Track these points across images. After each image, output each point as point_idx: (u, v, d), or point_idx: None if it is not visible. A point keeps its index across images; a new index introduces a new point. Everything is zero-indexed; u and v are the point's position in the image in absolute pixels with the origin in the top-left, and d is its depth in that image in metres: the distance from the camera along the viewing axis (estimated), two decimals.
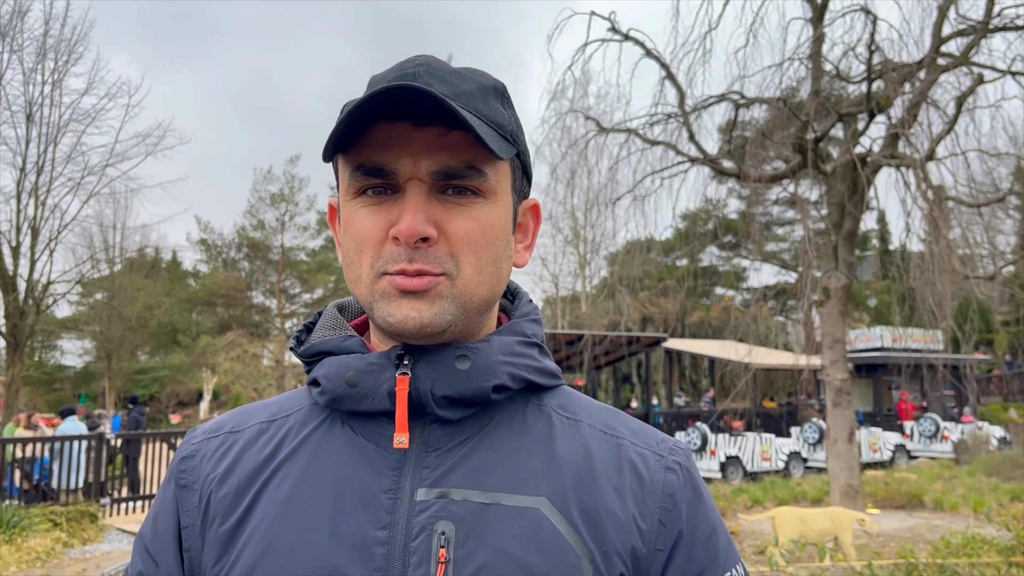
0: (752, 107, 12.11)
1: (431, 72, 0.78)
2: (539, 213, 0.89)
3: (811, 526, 8.06)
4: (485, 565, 0.73)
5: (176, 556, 0.83)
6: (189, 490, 0.84)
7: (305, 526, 0.76)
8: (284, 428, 0.85)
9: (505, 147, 0.78)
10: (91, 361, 39.47)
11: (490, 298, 0.81)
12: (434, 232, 0.76)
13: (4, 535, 9.69)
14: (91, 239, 29.18)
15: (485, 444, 0.79)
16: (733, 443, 16.70)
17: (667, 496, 0.81)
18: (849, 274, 11.21)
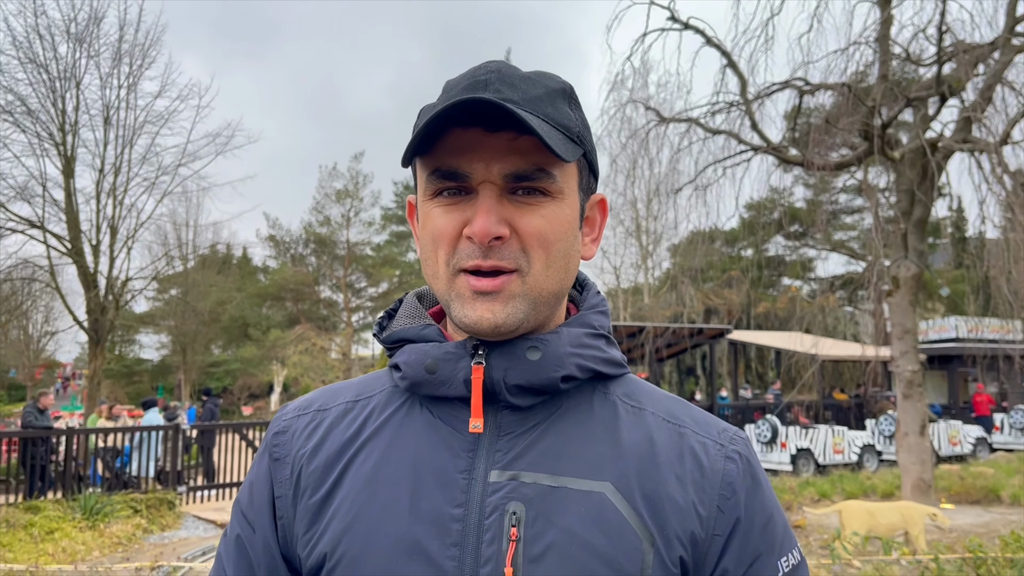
0: (817, 94, 11.87)
1: (502, 79, 0.82)
2: (606, 207, 0.93)
3: (880, 520, 7.90)
4: (553, 544, 0.77)
5: (271, 523, 0.90)
6: (282, 463, 0.90)
7: (387, 501, 0.82)
8: (368, 408, 0.91)
9: (571, 149, 0.82)
10: (167, 355, 40.88)
11: (559, 291, 0.85)
12: (506, 231, 0.80)
13: (87, 521, 10.17)
14: (165, 237, 30.21)
15: (554, 430, 0.84)
16: (804, 435, 16.37)
17: (726, 484, 0.84)
18: (920, 263, 10.92)
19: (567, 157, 0.79)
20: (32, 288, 26.70)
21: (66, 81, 19.16)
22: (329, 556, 0.82)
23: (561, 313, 0.91)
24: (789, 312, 28.87)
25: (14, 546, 9.07)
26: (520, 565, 0.77)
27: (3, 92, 18.48)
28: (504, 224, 0.81)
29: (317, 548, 0.83)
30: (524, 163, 0.81)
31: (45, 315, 36.37)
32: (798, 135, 12.62)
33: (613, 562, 0.77)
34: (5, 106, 18.46)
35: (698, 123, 12.31)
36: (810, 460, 16.18)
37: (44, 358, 40.82)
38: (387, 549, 0.79)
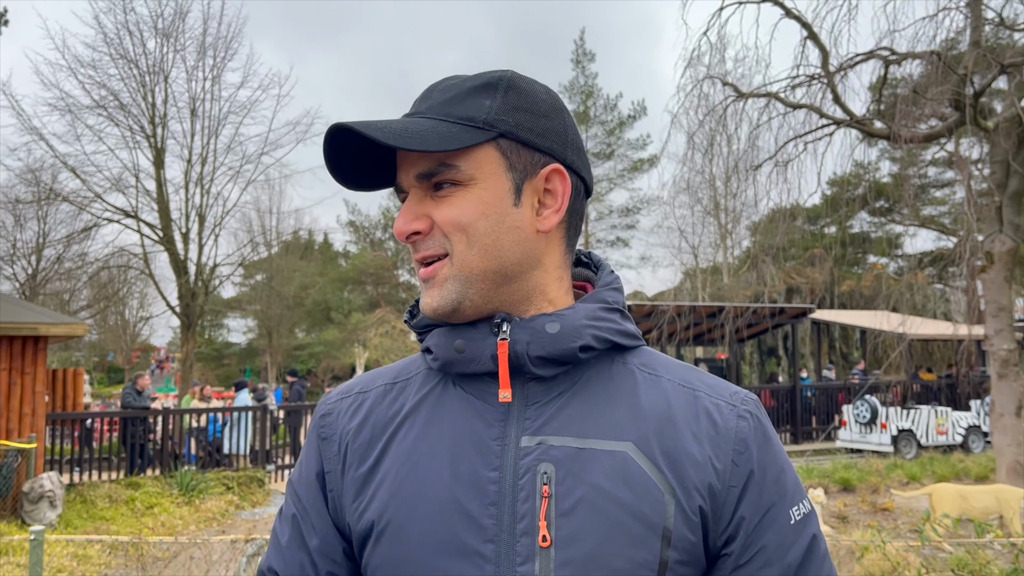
0: (904, 63, 11.42)
1: (423, 96, 0.96)
2: (564, 176, 0.95)
3: (973, 504, 7.66)
4: (582, 499, 0.85)
5: (320, 495, 0.98)
6: (329, 441, 1.00)
7: (429, 468, 0.90)
8: (406, 389, 0.99)
9: (465, 136, 0.90)
10: (253, 338, 42.26)
11: (498, 268, 0.92)
12: (421, 225, 0.92)
13: (184, 497, 10.67)
14: (250, 224, 31.15)
15: (577, 398, 0.91)
16: (906, 416, 15.93)
17: (739, 440, 0.91)
18: (1016, 237, 10.44)
19: (431, 148, 0.87)
20: (128, 275, 28.01)
21: (155, 75, 19.92)
22: (377, 522, 0.90)
23: (553, 291, 0.97)
24: (875, 290, 27.96)
25: (117, 520, 9.60)
26: (553, 519, 0.85)
27: (97, 88, 19.35)
28: (421, 219, 0.92)
29: (366, 515, 0.92)
30: (427, 163, 0.91)
31: (140, 301, 38.03)
32: (883, 107, 12.19)
33: (639, 513, 0.85)
34: (99, 101, 19.33)
35: (777, 97, 12.01)
36: (912, 441, 15.74)
37: (140, 342, 42.75)
38: (431, 511, 0.87)
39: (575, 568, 0.83)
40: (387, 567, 0.89)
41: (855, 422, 16.34)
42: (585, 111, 39.66)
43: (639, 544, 0.84)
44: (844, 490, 11.19)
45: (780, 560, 0.89)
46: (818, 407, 18.82)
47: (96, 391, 37.16)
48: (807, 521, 0.92)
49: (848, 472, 11.71)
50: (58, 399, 11.08)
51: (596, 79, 39.88)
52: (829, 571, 0.93)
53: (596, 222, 41.64)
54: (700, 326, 17.80)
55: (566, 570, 0.83)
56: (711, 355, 26.95)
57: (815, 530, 0.93)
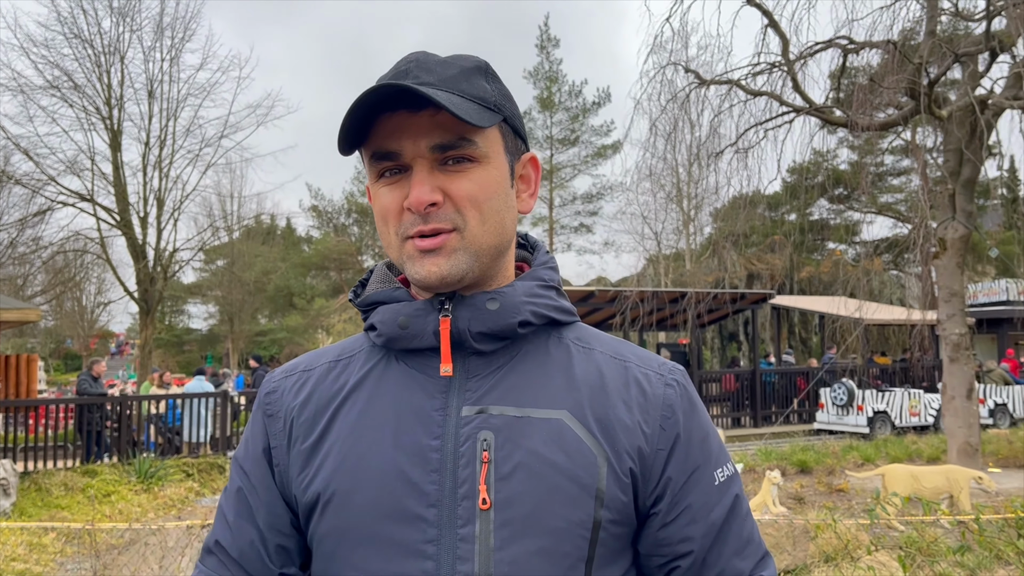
0: (862, 52, 11.56)
1: (420, 66, 0.94)
2: (537, 164, 1.04)
3: (924, 484, 7.86)
4: (520, 463, 0.90)
5: (267, 470, 1.02)
6: (275, 418, 1.03)
7: (373, 440, 0.93)
8: (350, 366, 1.02)
9: (487, 116, 0.92)
10: (215, 324, 41.73)
11: (498, 244, 0.97)
12: (439, 197, 0.92)
13: (142, 484, 10.54)
14: (210, 208, 30.67)
15: (516, 370, 0.96)
16: (881, 398, 16.46)
17: (667, 406, 0.97)
18: (968, 224, 10.68)
19: (481, 123, 0.89)
20: (84, 260, 27.46)
21: (110, 55, 19.49)
22: (323, 493, 0.94)
23: (509, 269, 1.02)
24: (833, 276, 28.45)
25: (72, 508, 9.45)
26: (492, 483, 0.89)
27: (50, 68, 18.87)
28: (437, 191, 0.92)
29: (312, 487, 0.95)
30: (447, 135, 0.91)
31: (98, 286, 37.37)
32: (842, 96, 12.35)
33: (573, 476, 0.90)
34: (53, 81, 18.86)
35: (739, 85, 12.10)
36: (887, 422, 16.26)
37: (98, 328, 42.00)
38: (375, 480, 0.91)
39: (514, 528, 0.88)
40: (333, 535, 0.93)
41: (832, 404, 16.82)
42: (549, 97, 39.63)
43: (574, 505, 0.89)
44: (801, 472, 11.40)
45: (704, 518, 0.95)
46: (778, 391, 19.14)
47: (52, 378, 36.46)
48: (730, 482, 0.98)
49: (805, 454, 11.93)
50: (11, 386, 10.85)
51: (561, 65, 39.90)
52: (751, 530, 0.98)
53: (560, 208, 41.71)
54: (663, 311, 17.93)
55: (505, 530, 0.88)
56: (673, 340, 27.22)
57: (738, 491, 0.99)
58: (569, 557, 0.88)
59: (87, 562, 6.00)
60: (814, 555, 6.29)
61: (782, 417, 18.69)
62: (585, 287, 19.30)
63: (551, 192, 41.15)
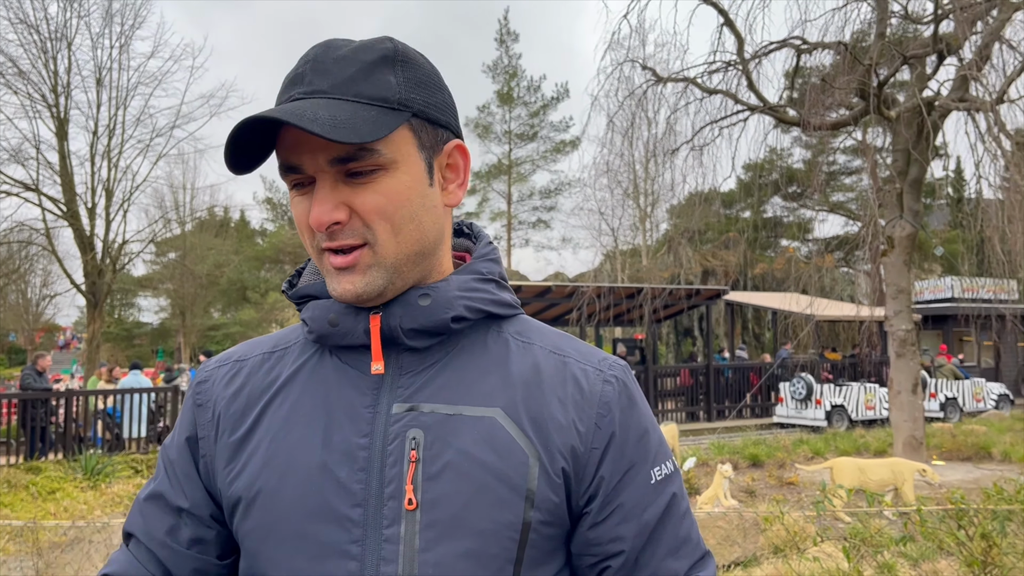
0: (815, 53, 11.76)
1: (316, 68, 0.88)
2: (465, 151, 0.97)
3: (870, 476, 8.03)
4: (449, 463, 0.87)
5: (191, 460, 1.00)
6: (204, 408, 1.01)
7: (302, 436, 0.91)
8: (284, 359, 1.00)
9: (387, 121, 0.86)
10: (167, 318, 41.00)
11: (420, 250, 0.92)
12: (342, 215, 0.87)
13: (89, 481, 10.30)
14: (162, 200, 30.15)
15: (451, 366, 0.93)
16: (839, 393, 16.88)
17: (603, 404, 0.94)
18: (915, 222, 10.93)
19: (374, 136, 0.83)
20: (29, 251, 26.72)
21: (57, 42, 18.95)
22: (249, 489, 0.92)
23: (445, 264, 0.98)
24: (786, 273, 28.91)
25: (16, 505, 9.20)
26: (420, 483, 0.87)
27: None
28: (341, 208, 0.87)
29: (237, 482, 0.93)
30: (344, 148, 0.86)
31: (43, 279, 36.38)
32: (796, 95, 12.54)
33: (503, 475, 0.87)
34: None
35: (695, 83, 12.23)
36: (844, 416, 16.66)
37: (44, 322, 40.92)
38: (302, 478, 0.89)
39: (440, 530, 0.85)
40: (258, 532, 0.91)
41: (791, 398, 17.21)
42: (509, 91, 39.62)
43: (503, 506, 0.87)
44: (753, 465, 11.57)
45: (637, 517, 0.92)
46: (732, 385, 19.43)
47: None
48: (668, 481, 0.96)
49: (757, 448, 12.11)
50: None
51: (520, 60, 39.91)
52: (688, 530, 0.95)
53: (518, 203, 41.75)
54: (619, 307, 18.08)
55: (431, 532, 0.85)
56: (629, 335, 27.44)
57: (675, 490, 0.96)
58: (497, 559, 0.86)
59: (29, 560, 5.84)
60: (763, 547, 6.39)
61: (735, 411, 18.98)
62: (542, 282, 19.35)
63: (509, 187, 41.18)
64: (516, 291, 17.59)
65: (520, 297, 17.79)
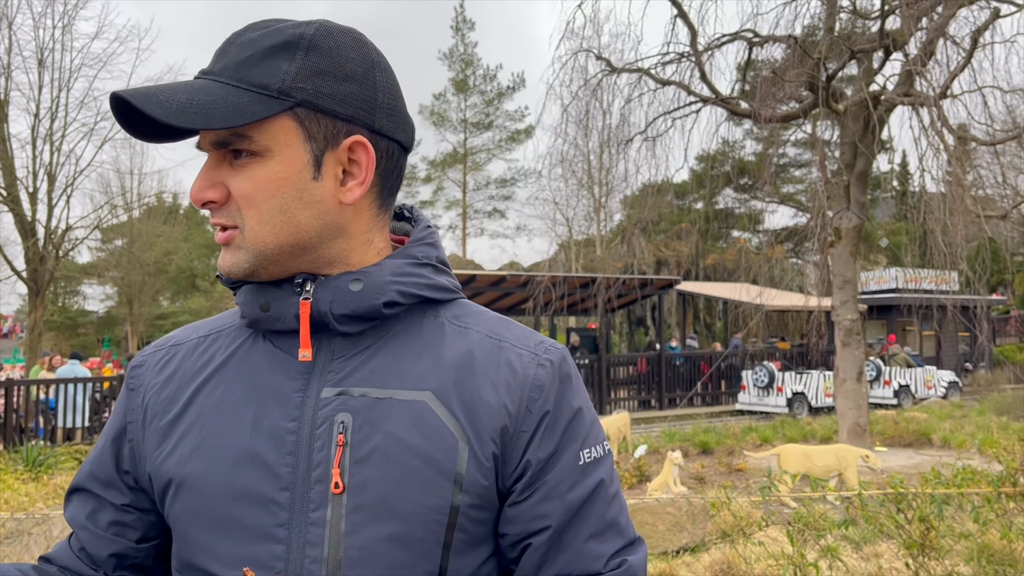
0: (767, 46, 11.94)
1: (222, 49, 0.90)
2: (367, 148, 0.92)
3: (816, 462, 8.21)
4: (377, 447, 0.87)
5: (116, 444, 1.01)
6: (136, 392, 1.01)
7: (232, 422, 0.91)
8: (218, 342, 1.00)
9: (253, 110, 0.85)
10: (113, 306, 40.07)
11: (293, 243, 0.90)
12: (215, 195, 0.89)
13: (30, 473, 10.04)
14: (108, 185, 29.30)
15: (383, 351, 0.93)
16: (799, 380, 17.30)
17: (536, 387, 0.93)
18: (861, 214, 11.17)
19: (216, 125, 0.84)
20: None
21: None
22: (178, 474, 0.92)
23: (364, 248, 0.95)
24: (737, 264, 29.35)
25: None
26: (347, 467, 0.86)
27: None
28: (217, 188, 0.89)
29: (166, 467, 0.93)
30: (219, 132, 0.87)
31: None
32: (748, 88, 12.70)
33: (431, 459, 0.87)
34: None
35: (648, 73, 12.31)
36: (804, 403, 17.08)
37: None
38: (230, 462, 0.89)
39: (366, 513, 0.85)
40: (186, 516, 0.91)
41: (754, 386, 17.58)
42: (464, 80, 39.45)
43: (430, 489, 0.87)
44: (703, 453, 11.74)
45: (561, 496, 0.91)
46: (683, 374, 19.69)
47: None
48: (597, 464, 0.94)
49: (707, 436, 12.29)
50: None
51: (476, 48, 39.73)
52: (616, 514, 0.94)
53: (474, 192, 41.68)
54: (573, 296, 18.17)
55: (358, 515, 0.85)
56: (583, 324, 27.62)
57: (604, 475, 0.95)
58: (423, 542, 0.86)
59: None
60: (712, 532, 6.50)
61: (686, 399, 19.24)
62: (497, 271, 19.35)
63: (464, 176, 41.06)
64: (471, 280, 17.58)
65: (475, 286, 17.79)
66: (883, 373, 18.32)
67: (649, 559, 5.97)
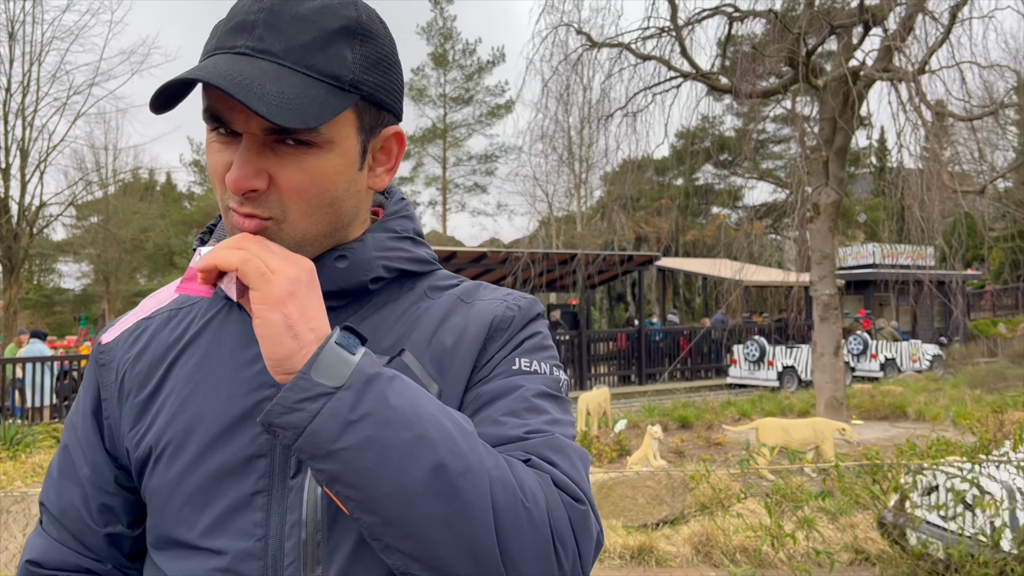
0: (747, 21, 11.91)
1: (270, 20, 0.81)
2: (402, 139, 0.95)
3: (793, 435, 8.32)
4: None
5: (94, 424, 0.98)
6: (108, 368, 0.99)
7: (208, 393, 0.90)
8: (190, 315, 0.98)
9: (335, 104, 0.81)
10: (89, 284, 39.64)
11: (330, 232, 0.89)
12: (261, 184, 0.82)
13: (8, 451, 9.97)
14: (82, 160, 28.87)
15: (364, 321, 0.93)
16: (790, 354, 17.59)
17: (503, 319, 0.94)
18: (839, 190, 11.22)
19: (319, 122, 0.79)
20: None
21: None
22: (156, 447, 0.91)
23: (361, 226, 0.95)
24: (716, 239, 29.47)
25: None
26: None
27: None
28: (262, 176, 0.82)
29: (144, 441, 0.92)
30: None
31: None
32: (728, 63, 12.67)
33: None
34: None
35: (629, 48, 12.25)
36: (794, 377, 17.39)
37: None
38: (208, 432, 0.88)
39: None
40: (164, 490, 0.90)
41: (745, 360, 17.82)
42: (443, 54, 39.11)
43: None
44: (682, 427, 11.86)
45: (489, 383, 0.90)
46: (663, 350, 19.83)
47: None
48: (535, 374, 0.91)
49: (686, 410, 12.41)
50: None
51: (455, 22, 39.37)
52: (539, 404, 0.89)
53: (454, 167, 41.47)
54: (553, 273, 18.18)
55: None
56: (564, 301, 27.67)
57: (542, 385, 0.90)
58: None
59: None
60: (691, 505, 6.58)
61: (665, 374, 19.39)
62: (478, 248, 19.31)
63: (444, 151, 40.83)
64: (451, 257, 17.54)
65: (455, 263, 17.75)
66: (870, 347, 18.62)
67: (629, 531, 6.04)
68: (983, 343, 21.87)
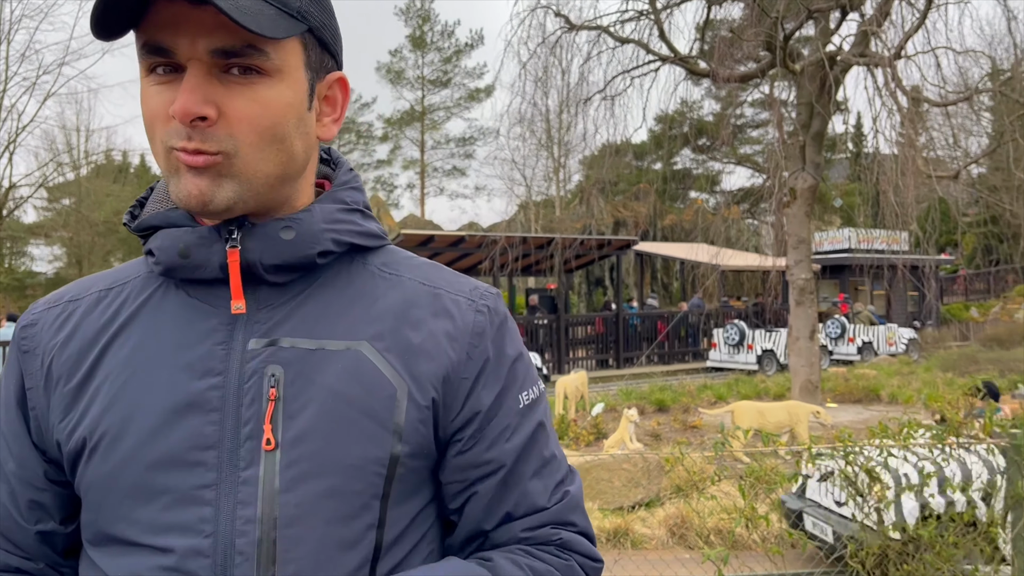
0: (725, 5, 11.92)
1: None
2: (347, 86, 0.92)
3: (768, 419, 8.39)
4: (312, 399, 0.83)
5: (20, 414, 0.91)
6: (31, 355, 0.91)
7: (146, 380, 0.84)
8: (122, 295, 0.92)
9: (285, 25, 0.79)
10: (62, 267, 39.12)
11: (282, 174, 0.85)
12: (211, 112, 0.78)
13: None
14: (53, 141, 28.45)
15: (313, 299, 0.88)
16: (769, 338, 17.74)
17: (475, 334, 0.91)
18: (816, 175, 11.28)
19: (273, 34, 0.76)
20: None
21: None
22: (90, 438, 0.84)
23: (308, 191, 0.93)
24: (694, 224, 29.57)
25: None
26: (280, 422, 0.82)
27: None
28: (210, 104, 0.78)
29: (77, 432, 0.86)
30: (232, 39, 0.77)
31: None
32: (707, 47, 12.67)
33: (369, 410, 0.84)
34: None
35: (607, 31, 12.21)
36: (773, 360, 17.50)
37: None
38: (148, 423, 0.82)
39: (301, 469, 0.82)
40: (100, 484, 0.84)
41: (725, 344, 17.94)
42: (421, 36, 38.84)
43: (369, 440, 0.84)
44: (659, 410, 11.92)
45: (506, 442, 0.91)
46: (641, 333, 19.93)
47: None
48: (535, 405, 0.95)
49: (663, 394, 12.47)
50: None
51: (433, 3, 39.03)
52: (553, 449, 0.96)
53: (432, 150, 41.27)
54: (531, 257, 18.18)
55: (292, 471, 0.81)
56: (542, 285, 27.69)
57: (541, 415, 0.96)
58: (362, 495, 0.83)
59: None
60: (666, 488, 6.63)
61: (643, 358, 19.48)
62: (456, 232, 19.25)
63: (423, 134, 40.60)
64: (429, 240, 17.47)
65: (433, 247, 17.69)
66: (847, 331, 18.83)
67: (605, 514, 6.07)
68: (955, 327, 22.17)
